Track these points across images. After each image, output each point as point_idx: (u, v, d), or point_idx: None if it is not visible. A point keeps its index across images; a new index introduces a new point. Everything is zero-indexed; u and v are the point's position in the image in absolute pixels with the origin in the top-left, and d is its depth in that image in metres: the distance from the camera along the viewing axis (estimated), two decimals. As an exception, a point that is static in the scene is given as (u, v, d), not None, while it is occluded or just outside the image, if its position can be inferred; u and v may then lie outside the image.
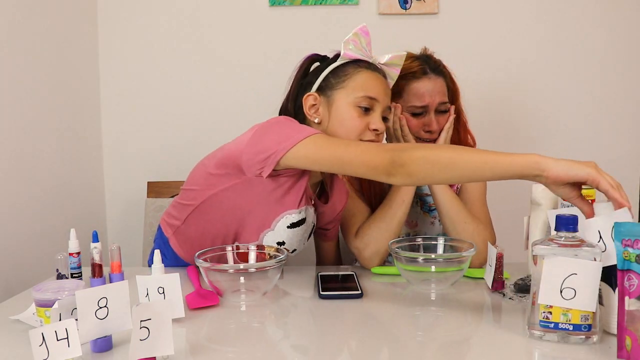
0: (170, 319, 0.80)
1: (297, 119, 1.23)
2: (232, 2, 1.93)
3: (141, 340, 0.78)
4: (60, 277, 1.14)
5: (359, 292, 1.11)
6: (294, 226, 1.23)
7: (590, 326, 0.85)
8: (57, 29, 1.71)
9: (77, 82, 1.84)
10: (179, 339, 0.91)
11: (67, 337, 0.77)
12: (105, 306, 0.83)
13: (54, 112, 1.69)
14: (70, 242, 1.20)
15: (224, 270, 1.08)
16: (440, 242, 1.27)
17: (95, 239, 1.17)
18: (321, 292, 1.11)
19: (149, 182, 1.80)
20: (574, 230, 0.87)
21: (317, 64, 1.31)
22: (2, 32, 1.45)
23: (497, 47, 1.94)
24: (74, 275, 1.19)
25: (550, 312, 0.86)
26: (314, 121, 1.25)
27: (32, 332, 0.75)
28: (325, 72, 1.25)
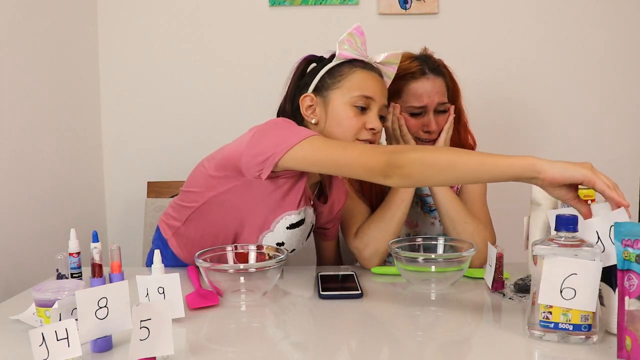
0: (170, 319, 0.80)
1: (295, 120, 1.23)
2: (232, 2, 1.93)
3: (141, 340, 0.78)
4: (60, 277, 1.14)
5: (359, 292, 1.11)
6: (293, 227, 1.23)
7: (590, 326, 0.85)
8: (57, 29, 1.71)
9: (77, 82, 1.84)
10: (179, 339, 0.91)
11: (67, 337, 0.77)
12: (105, 306, 0.83)
13: (54, 112, 1.69)
14: (70, 242, 1.20)
15: (224, 270, 1.08)
16: (440, 242, 1.27)
17: (95, 239, 1.17)
18: (321, 292, 1.11)
19: (149, 182, 1.80)
20: (574, 230, 0.87)
21: (313, 65, 1.31)
22: (2, 32, 1.45)
23: (497, 47, 1.94)
24: (74, 275, 1.19)
25: (550, 312, 0.86)
26: (311, 122, 1.25)
27: (32, 332, 0.75)
28: (321, 73, 1.25)
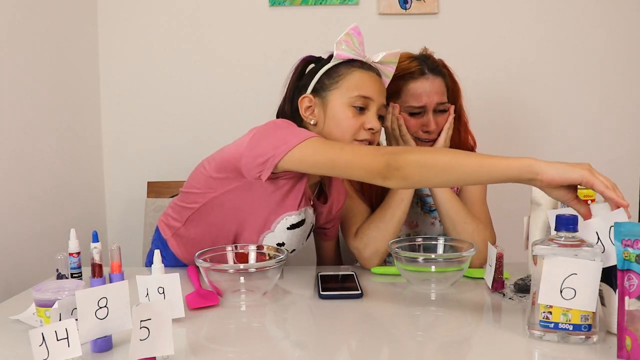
0: (170, 319, 0.80)
1: (295, 121, 1.23)
2: (232, 2, 1.93)
3: (141, 340, 0.78)
4: (60, 277, 1.14)
5: (359, 292, 1.11)
6: (293, 227, 1.24)
7: (590, 326, 0.85)
8: (57, 29, 1.71)
9: (77, 82, 1.84)
10: (179, 339, 0.91)
11: (67, 337, 0.77)
12: (105, 306, 0.83)
13: (54, 112, 1.69)
14: (70, 242, 1.20)
15: (224, 270, 1.08)
16: (440, 242, 1.27)
17: (95, 239, 1.17)
18: (321, 292, 1.11)
19: (149, 182, 1.80)
20: (574, 230, 0.87)
21: (312, 66, 1.31)
22: (2, 32, 1.45)
23: (497, 47, 1.94)
24: (74, 275, 1.19)
25: (550, 312, 0.86)
26: (310, 123, 1.25)
27: (32, 332, 0.75)
28: (319, 74, 1.25)
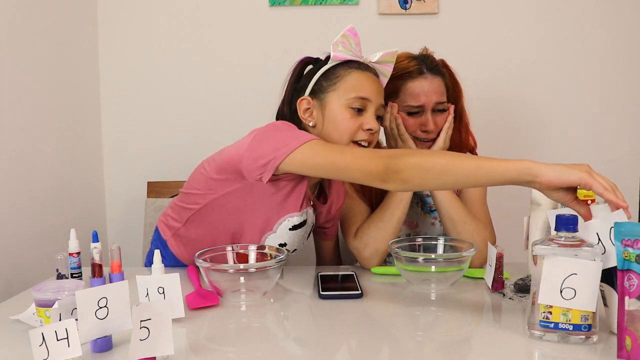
0: (170, 319, 0.80)
1: (294, 123, 1.23)
2: (232, 2, 1.93)
3: (141, 340, 0.78)
4: (60, 277, 1.14)
5: (359, 292, 1.11)
6: (295, 228, 1.24)
7: (590, 326, 0.85)
8: (57, 29, 1.71)
9: (77, 82, 1.84)
10: (179, 339, 0.91)
11: (67, 337, 0.77)
12: (105, 306, 0.83)
13: (54, 112, 1.69)
14: (70, 242, 1.20)
15: (224, 270, 1.08)
16: (440, 242, 1.27)
17: (95, 239, 1.17)
18: (321, 292, 1.11)
19: (149, 182, 1.80)
20: (574, 230, 0.87)
21: (310, 67, 1.31)
22: (2, 32, 1.45)
23: (497, 47, 1.94)
24: (74, 275, 1.19)
25: (550, 312, 0.86)
26: (309, 125, 1.25)
27: (32, 332, 0.75)
28: (316, 76, 1.25)
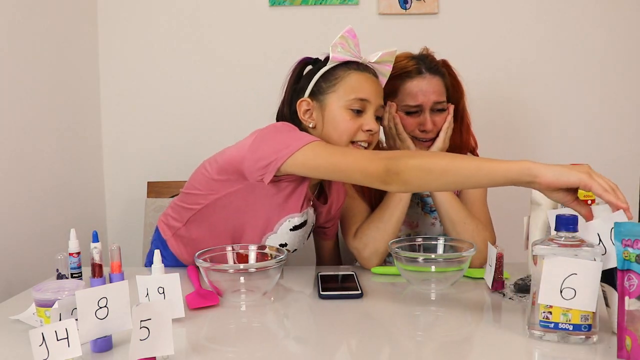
0: (170, 319, 0.80)
1: (294, 124, 1.23)
2: (232, 2, 1.93)
3: (141, 340, 0.78)
4: (60, 277, 1.14)
5: (359, 292, 1.11)
6: (296, 229, 1.24)
7: (590, 326, 0.85)
8: (57, 29, 1.71)
9: (77, 82, 1.84)
10: (179, 339, 0.91)
11: (67, 337, 0.77)
12: (105, 306, 0.83)
13: (54, 112, 1.69)
14: (70, 242, 1.20)
15: (224, 270, 1.08)
16: (440, 242, 1.27)
17: (95, 239, 1.17)
18: (321, 292, 1.11)
19: (149, 182, 1.80)
20: (574, 230, 0.87)
21: (309, 67, 1.31)
22: (2, 32, 1.45)
23: (497, 47, 1.94)
24: (74, 275, 1.19)
25: (550, 312, 0.86)
26: (309, 126, 1.25)
27: (32, 332, 0.75)
28: (316, 77, 1.25)
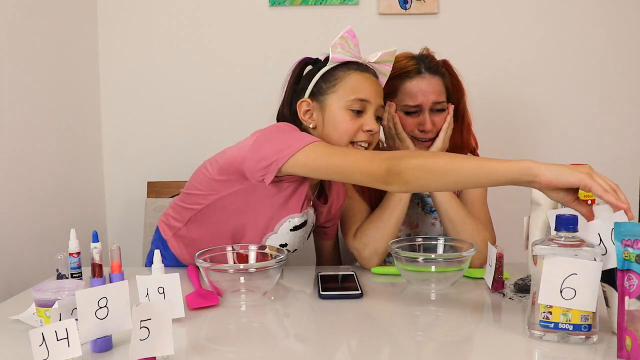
0: (170, 319, 0.80)
1: (294, 124, 1.23)
2: (232, 2, 1.93)
3: (141, 340, 0.78)
4: (60, 277, 1.14)
5: (359, 292, 1.11)
6: (296, 229, 1.24)
7: (590, 326, 0.85)
8: (57, 29, 1.71)
9: (77, 82, 1.84)
10: (179, 339, 0.91)
11: (67, 337, 0.77)
12: (105, 306, 0.83)
13: (54, 112, 1.69)
14: (70, 242, 1.20)
15: (224, 270, 1.08)
16: (440, 242, 1.27)
17: (95, 239, 1.17)
18: (321, 292, 1.11)
19: (149, 182, 1.80)
20: (574, 230, 0.87)
21: (309, 67, 1.31)
22: (2, 32, 1.45)
23: (497, 47, 1.94)
24: (74, 275, 1.19)
25: (550, 312, 0.86)
26: (309, 126, 1.25)
27: (32, 332, 0.75)
28: (315, 78, 1.25)
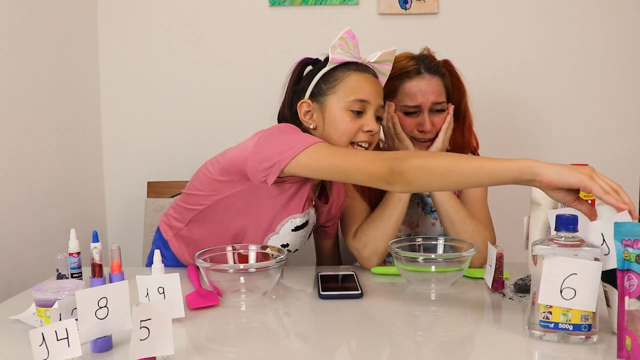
0: (170, 319, 0.80)
1: (295, 125, 1.23)
2: (232, 2, 1.93)
3: (141, 340, 0.78)
4: (60, 277, 1.14)
5: (359, 292, 1.11)
6: (298, 229, 1.24)
7: (590, 326, 0.85)
8: (57, 29, 1.71)
9: (77, 82, 1.84)
10: (179, 339, 0.91)
11: (67, 337, 0.77)
12: (105, 306, 0.83)
13: (54, 112, 1.69)
14: (70, 242, 1.20)
15: (224, 270, 1.08)
16: (440, 242, 1.27)
17: (95, 239, 1.17)
18: (321, 292, 1.11)
19: (149, 182, 1.80)
20: (574, 230, 0.87)
21: (309, 68, 1.31)
22: (2, 32, 1.45)
23: (497, 47, 1.94)
24: (74, 275, 1.19)
25: (550, 312, 0.86)
26: (310, 127, 1.25)
27: (32, 332, 0.75)
28: (315, 79, 1.25)
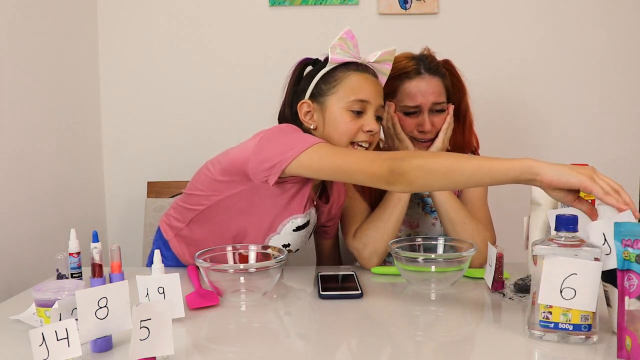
0: (170, 319, 0.80)
1: (296, 125, 1.24)
2: (232, 2, 1.93)
3: (141, 340, 0.78)
4: (60, 277, 1.14)
5: (359, 292, 1.11)
6: (299, 229, 1.24)
7: (590, 326, 0.85)
8: (57, 29, 1.71)
9: (77, 82, 1.84)
10: (179, 339, 0.91)
11: (67, 337, 0.77)
12: (105, 306, 0.83)
13: (54, 112, 1.69)
14: (70, 242, 1.20)
15: (224, 270, 1.08)
16: (440, 242, 1.27)
17: (95, 239, 1.17)
18: (321, 292, 1.11)
19: (149, 182, 1.80)
20: (574, 230, 0.87)
21: (309, 68, 1.31)
22: (2, 32, 1.45)
23: (497, 47, 1.94)
24: (74, 275, 1.19)
25: (550, 312, 0.86)
26: (310, 127, 1.25)
27: (32, 332, 0.75)
28: (315, 79, 1.25)
